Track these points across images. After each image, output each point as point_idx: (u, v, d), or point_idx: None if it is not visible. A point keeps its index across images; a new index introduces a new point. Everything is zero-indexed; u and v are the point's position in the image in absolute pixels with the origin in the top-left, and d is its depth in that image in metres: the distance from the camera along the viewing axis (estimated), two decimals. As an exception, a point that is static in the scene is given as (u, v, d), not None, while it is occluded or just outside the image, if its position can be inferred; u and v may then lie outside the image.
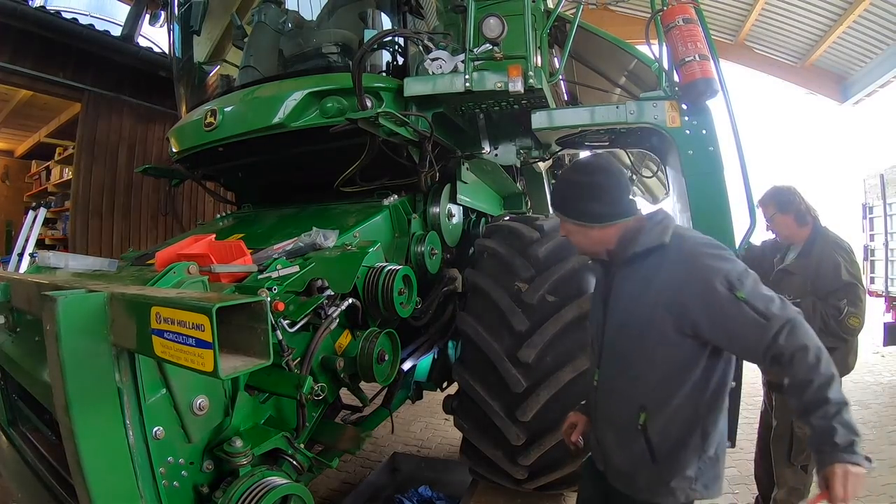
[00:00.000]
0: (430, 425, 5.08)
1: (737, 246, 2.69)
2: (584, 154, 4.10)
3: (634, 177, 5.74)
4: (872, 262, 8.01)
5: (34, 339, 1.90)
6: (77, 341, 1.23)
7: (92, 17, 13.81)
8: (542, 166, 4.28)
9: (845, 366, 2.96)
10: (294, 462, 1.83)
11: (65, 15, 5.98)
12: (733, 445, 2.17)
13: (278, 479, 1.60)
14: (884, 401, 5.92)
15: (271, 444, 1.76)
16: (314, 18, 3.45)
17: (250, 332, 1.05)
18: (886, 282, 7.48)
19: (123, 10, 9.48)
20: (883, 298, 7.60)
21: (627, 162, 5.42)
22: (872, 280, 7.90)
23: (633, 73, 4.12)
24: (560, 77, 4.95)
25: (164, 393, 1.49)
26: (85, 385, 1.26)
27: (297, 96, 2.72)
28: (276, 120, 2.74)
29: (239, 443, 1.61)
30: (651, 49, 3.10)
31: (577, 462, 2.68)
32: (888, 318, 7.41)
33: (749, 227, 2.77)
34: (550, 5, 3.75)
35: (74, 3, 11.76)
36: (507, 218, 3.45)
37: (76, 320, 1.23)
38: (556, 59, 4.11)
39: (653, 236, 1.63)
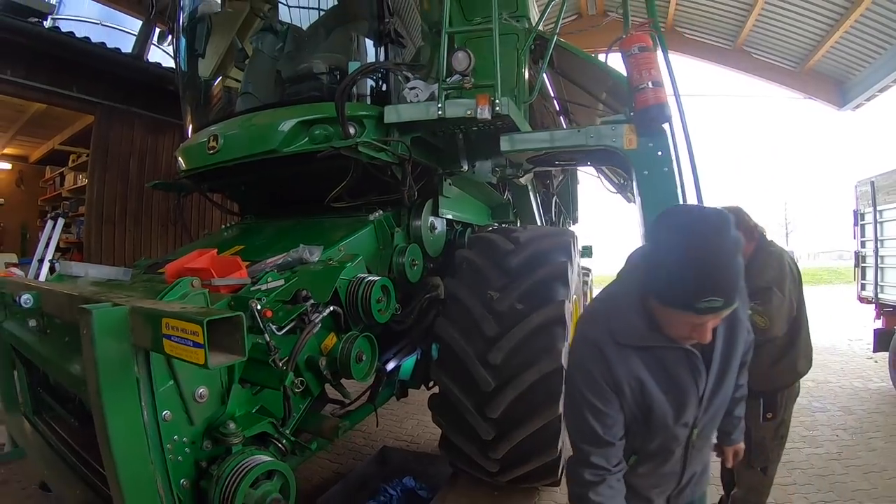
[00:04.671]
0: (422, 423, 5.38)
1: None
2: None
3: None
4: (863, 269, 8.01)
5: (64, 340, 2.26)
6: (106, 342, 1.58)
7: (102, 25, 14.25)
8: (525, 179, 4.58)
9: (795, 370, 3.11)
10: (280, 445, 2.14)
11: (76, 23, 6.34)
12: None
13: (264, 457, 1.92)
14: (868, 407, 6.05)
15: (259, 429, 2.08)
16: (306, 46, 3.71)
17: (232, 336, 1.39)
18: (876, 288, 7.49)
19: (130, 20, 9.89)
20: (873, 305, 7.59)
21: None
22: (863, 286, 7.93)
23: (612, 90, 4.38)
24: (551, 93, 5.28)
25: (172, 384, 1.82)
26: (111, 376, 1.60)
27: (289, 125, 3.03)
28: (270, 146, 3.06)
29: (232, 426, 1.93)
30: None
31: (544, 457, 2.98)
32: (878, 324, 7.43)
33: None
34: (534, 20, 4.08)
35: (85, 11, 12.14)
36: (489, 229, 3.76)
37: (106, 327, 1.57)
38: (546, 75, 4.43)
39: None
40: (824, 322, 12.65)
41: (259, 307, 2.04)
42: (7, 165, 12.27)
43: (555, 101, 5.62)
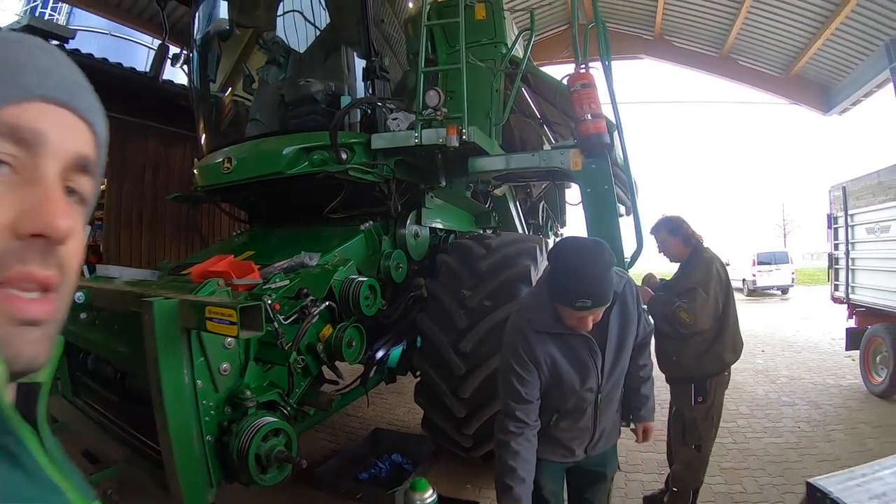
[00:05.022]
0: (412, 410, 5.85)
1: (626, 262, 3.52)
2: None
3: None
4: (836, 271, 8.17)
5: (113, 328, 2.81)
6: (162, 326, 2.14)
7: (112, 35, 14.73)
8: (500, 191, 5.14)
9: (723, 360, 3.52)
10: (285, 411, 2.67)
11: (85, 34, 6.82)
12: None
13: (272, 419, 2.45)
14: (836, 402, 6.31)
15: (269, 397, 2.63)
16: (304, 73, 4.21)
17: (255, 318, 1.95)
18: (847, 289, 7.69)
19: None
20: (846, 305, 7.79)
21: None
22: (836, 287, 8.09)
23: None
24: (533, 107, 5.76)
25: (202, 360, 2.36)
26: (165, 351, 2.17)
27: (291, 150, 3.59)
28: (276, 169, 3.62)
29: (248, 393, 2.48)
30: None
31: None
32: (850, 323, 7.65)
33: (637, 248, 3.60)
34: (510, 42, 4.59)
35: (95, 21, 12.65)
36: (467, 236, 4.31)
37: (162, 315, 2.14)
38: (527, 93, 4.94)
39: (617, 278, 2.17)
40: (810, 321, 13.06)
41: (269, 301, 2.58)
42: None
43: (537, 115, 6.13)
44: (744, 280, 21.93)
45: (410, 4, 4.74)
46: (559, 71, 10.45)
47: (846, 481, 2.33)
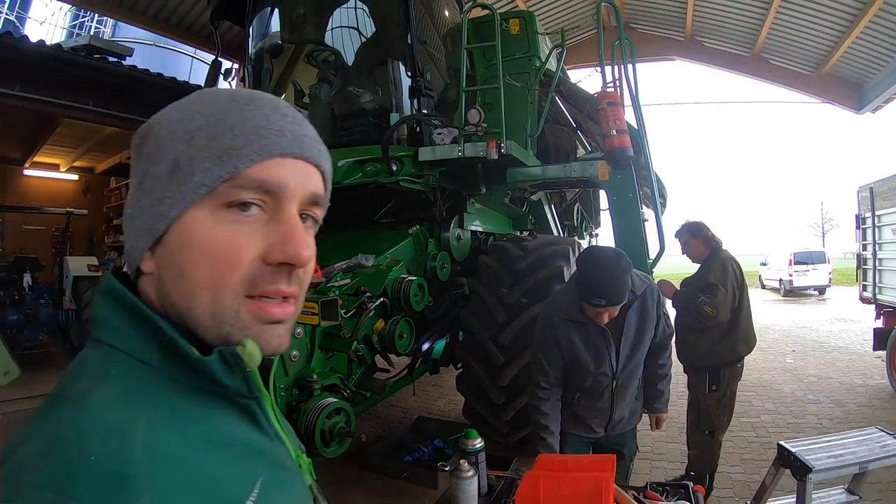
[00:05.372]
0: (452, 402, 6.23)
1: (649, 263, 3.83)
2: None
3: None
4: (864, 271, 8.13)
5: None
6: None
7: (157, 46, 15.35)
8: (535, 196, 5.47)
9: (735, 351, 3.85)
10: (345, 393, 3.06)
11: (127, 44, 7.38)
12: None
13: (334, 399, 2.82)
14: (860, 401, 6.38)
15: (332, 380, 3.02)
16: (353, 86, 4.55)
17: (332, 310, 2.33)
18: (874, 289, 7.66)
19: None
20: (874, 306, 7.76)
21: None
22: (864, 287, 8.06)
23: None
24: (568, 115, 6.01)
25: (277, 346, 2.77)
26: None
27: (346, 163, 3.96)
28: (333, 179, 3.95)
29: (314, 377, 2.86)
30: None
31: None
32: (878, 324, 7.59)
33: (659, 249, 3.92)
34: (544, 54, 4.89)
35: (140, 34, 13.23)
36: (506, 238, 4.65)
37: None
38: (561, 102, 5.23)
39: (638, 280, 2.61)
40: (844, 322, 12.96)
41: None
42: (74, 177, 13.41)
43: (571, 123, 6.40)
44: (780, 280, 21.51)
45: (448, 19, 5.09)
46: (589, 74, 10.72)
47: (811, 444, 2.65)
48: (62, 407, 0.56)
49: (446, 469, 2.34)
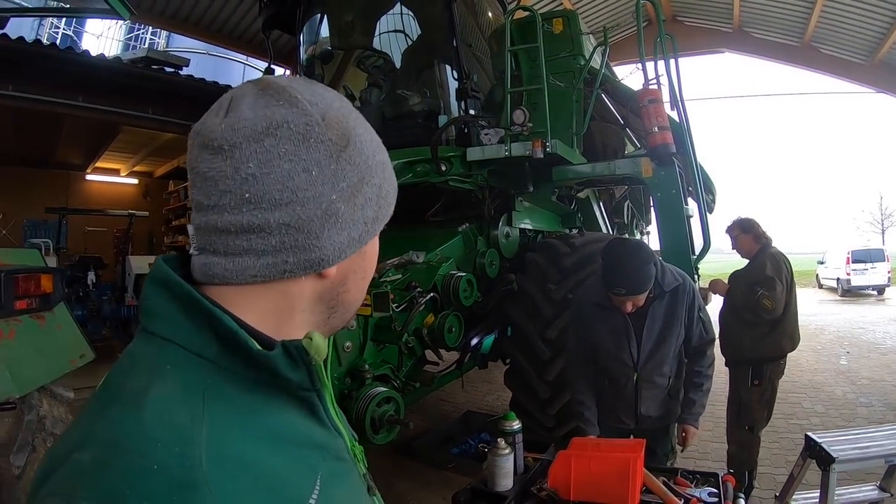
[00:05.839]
0: (501, 397, 6.33)
1: (693, 258, 3.84)
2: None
3: None
4: None
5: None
6: None
7: (210, 54, 15.80)
8: (583, 193, 5.51)
9: (780, 347, 3.86)
10: (395, 384, 3.17)
11: (181, 54, 7.69)
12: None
13: (384, 389, 2.93)
14: (890, 400, 6.37)
15: (382, 371, 3.15)
16: (401, 89, 4.69)
17: (384, 302, 2.45)
18: None
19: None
20: None
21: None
22: None
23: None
24: (615, 112, 6.01)
25: (330, 338, 2.89)
26: None
27: (397, 164, 4.04)
28: (384, 180, 4.11)
29: (366, 367, 2.99)
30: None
31: None
32: None
33: (703, 245, 3.93)
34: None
35: (194, 43, 13.69)
36: (554, 236, 4.72)
37: None
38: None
39: (670, 278, 2.70)
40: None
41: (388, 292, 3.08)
42: (134, 181, 13.99)
43: (619, 120, 6.40)
44: (837, 280, 20.88)
45: (492, 20, 5.18)
46: (631, 71, 10.64)
47: (839, 436, 2.65)
48: (117, 408, 0.56)
49: (486, 449, 2.42)
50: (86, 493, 0.48)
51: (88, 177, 13.35)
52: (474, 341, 4.24)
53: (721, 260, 23.36)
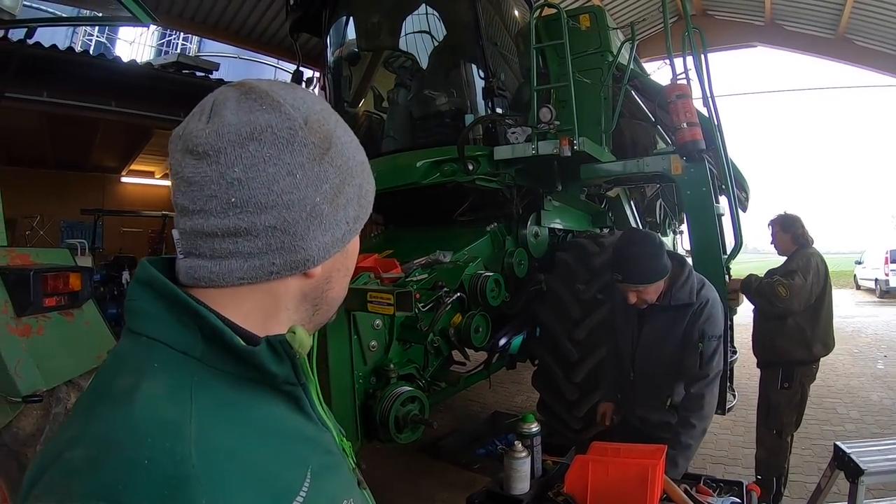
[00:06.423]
0: (529, 398, 6.26)
1: (724, 258, 3.76)
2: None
3: None
4: None
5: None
6: None
7: (241, 58, 16.04)
8: (613, 192, 5.45)
9: (811, 351, 3.75)
10: (420, 383, 3.15)
11: (212, 58, 7.79)
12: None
13: (409, 388, 2.94)
14: None
15: (408, 370, 3.14)
16: (429, 90, 4.68)
17: (406, 301, 2.44)
18: None
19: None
20: None
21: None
22: None
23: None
24: (645, 108, 5.93)
25: (356, 338, 2.87)
26: (334, 329, 2.70)
27: (424, 164, 4.09)
28: (412, 179, 4.13)
29: (391, 366, 2.99)
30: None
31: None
32: None
33: (735, 244, 3.85)
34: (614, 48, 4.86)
35: (224, 48, 13.89)
36: (584, 235, 4.67)
37: None
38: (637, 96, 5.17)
39: (684, 294, 2.59)
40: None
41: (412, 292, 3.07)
42: (168, 182, 14.29)
43: (650, 116, 6.30)
44: (876, 280, 20.14)
45: (519, 19, 5.14)
46: (658, 67, 10.47)
47: (869, 446, 2.55)
48: (106, 406, 0.57)
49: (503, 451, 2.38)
50: (79, 490, 0.49)
51: (124, 179, 13.73)
52: (503, 342, 4.22)
53: (758, 260, 22.82)
